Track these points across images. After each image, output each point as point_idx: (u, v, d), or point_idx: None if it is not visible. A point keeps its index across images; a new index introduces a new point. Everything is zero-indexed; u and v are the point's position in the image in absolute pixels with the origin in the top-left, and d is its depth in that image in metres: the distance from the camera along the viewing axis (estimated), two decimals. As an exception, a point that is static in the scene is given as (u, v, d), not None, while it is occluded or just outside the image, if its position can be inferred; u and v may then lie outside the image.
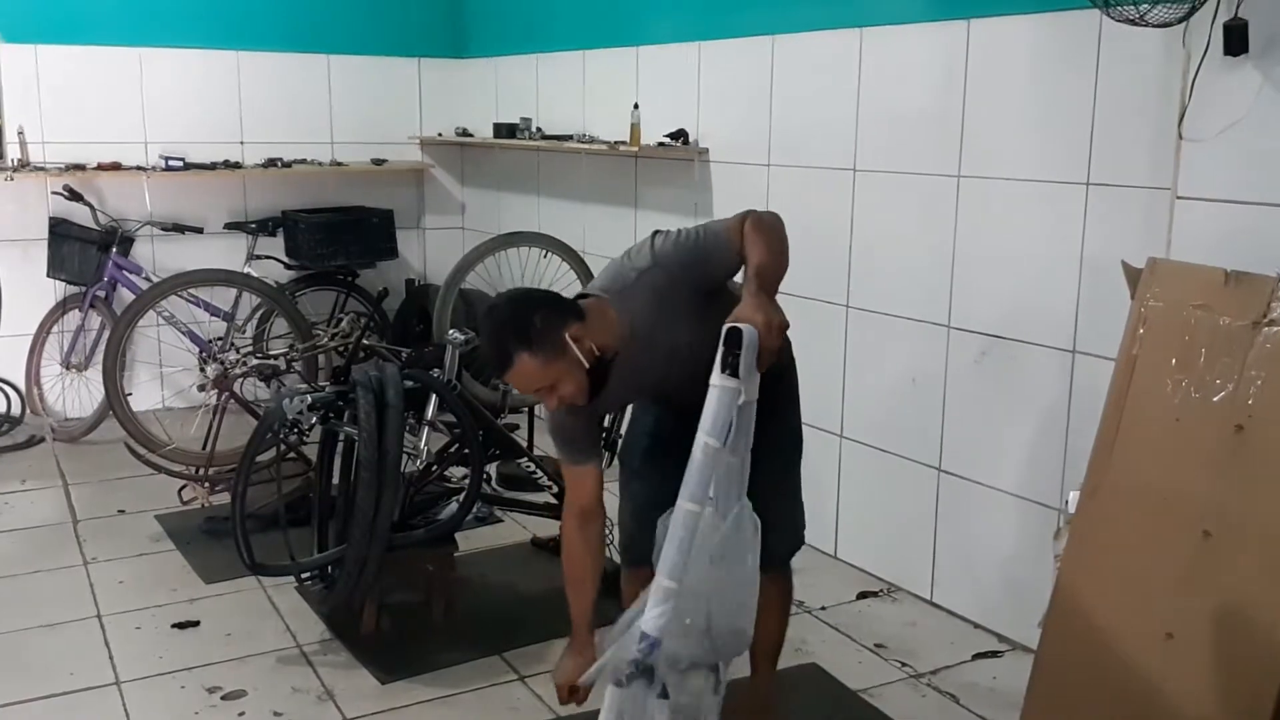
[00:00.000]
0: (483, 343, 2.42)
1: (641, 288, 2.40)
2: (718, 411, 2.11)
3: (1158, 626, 2.49)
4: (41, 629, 3.44)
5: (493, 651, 3.32)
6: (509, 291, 2.49)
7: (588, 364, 2.32)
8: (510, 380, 2.36)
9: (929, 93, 3.48)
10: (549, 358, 2.28)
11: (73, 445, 5.23)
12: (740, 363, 2.12)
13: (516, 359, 2.28)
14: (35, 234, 5.36)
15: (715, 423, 2.10)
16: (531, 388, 2.34)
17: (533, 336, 2.27)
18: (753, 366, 2.16)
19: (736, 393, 2.13)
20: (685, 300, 2.39)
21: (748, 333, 2.13)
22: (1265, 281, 2.43)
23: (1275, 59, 2.52)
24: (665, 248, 2.42)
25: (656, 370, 2.44)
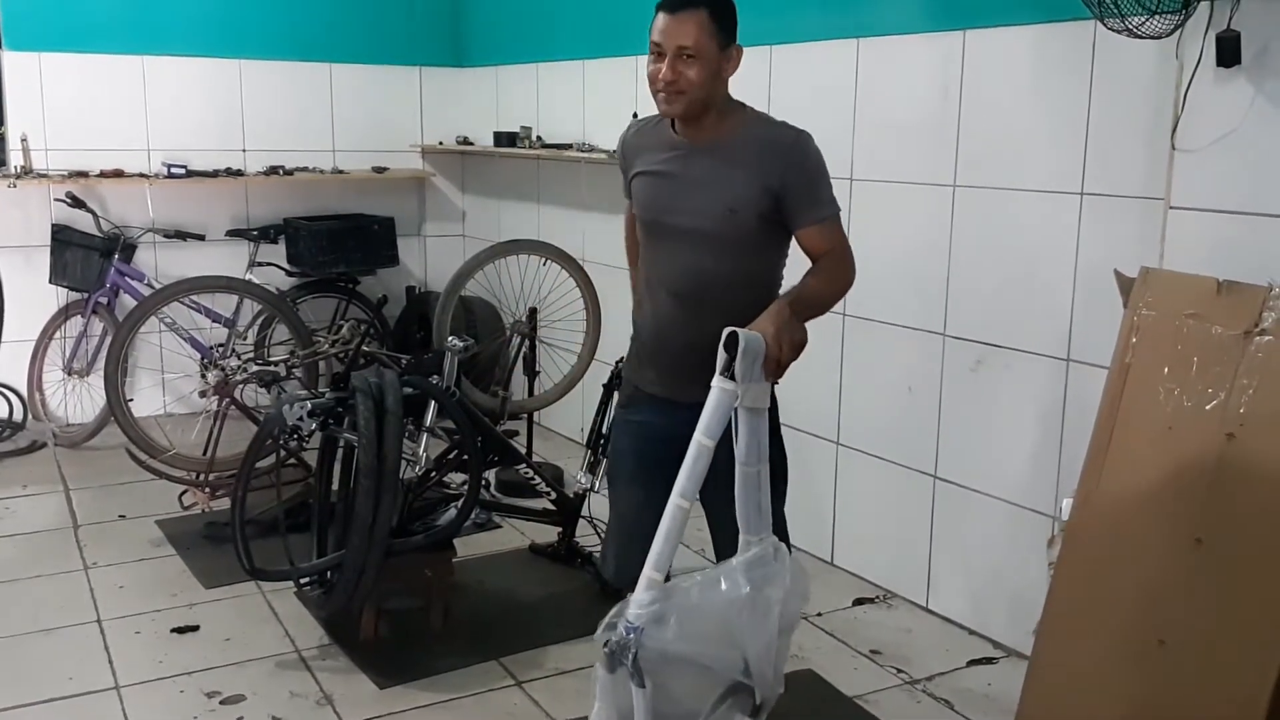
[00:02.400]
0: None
1: (771, 128, 2.48)
2: (713, 412, 2.14)
3: (1151, 633, 2.51)
4: (41, 633, 3.45)
5: (491, 657, 3.33)
6: None
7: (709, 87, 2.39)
8: (669, 23, 2.38)
9: (925, 103, 3.51)
10: (713, 36, 2.37)
11: (74, 450, 5.25)
12: (737, 367, 2.14)
13: (696, 9, 2.36)
14: (38, 240, 5.39)
15: (709, 422, 2.14)
16: (677, 42, 2.37)
17: (723, 11, 2.39)
18: (757, 374, 2.17)
19: (734, 395, 2.15)
20: (764, 183, 2.41)
21: (746, 338, 2.15)
22: (1257, 291, 2.45)
23: (1267, 70, 2.54)
24: (813, 144, 2.46)
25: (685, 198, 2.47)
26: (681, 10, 2.37)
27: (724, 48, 2.40)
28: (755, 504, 2.24)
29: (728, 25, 2.40)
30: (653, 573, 2.15)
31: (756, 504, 2.24)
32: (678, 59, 2.38)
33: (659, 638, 2.12)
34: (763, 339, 2.20)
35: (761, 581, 2.21)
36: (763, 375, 2.19)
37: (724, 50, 2.41)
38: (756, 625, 2.21)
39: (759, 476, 2.24)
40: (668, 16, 2.39)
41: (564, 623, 3.50)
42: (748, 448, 2.21)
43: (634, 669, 2.10)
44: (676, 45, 2.37)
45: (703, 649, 2.21)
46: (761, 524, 2.26)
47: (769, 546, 2.25)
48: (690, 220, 2.47)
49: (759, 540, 2.25)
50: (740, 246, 2.46)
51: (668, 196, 2.52)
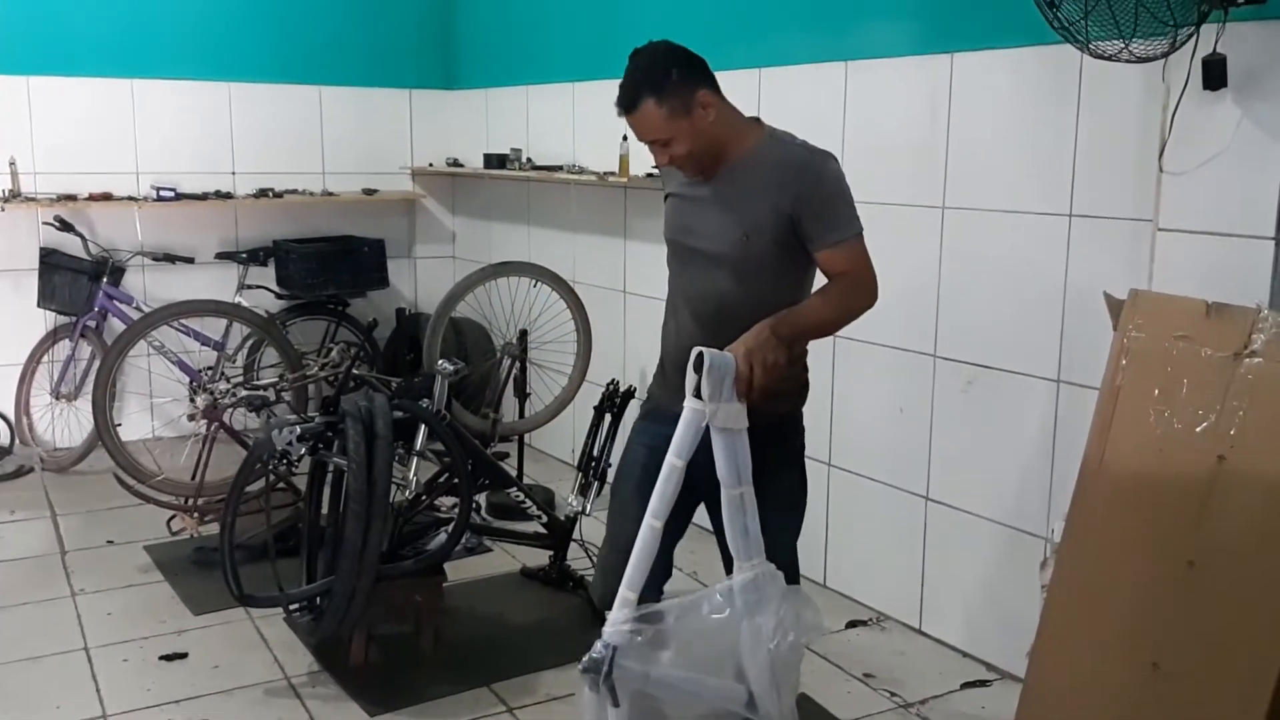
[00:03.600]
0: (624, 80, 2.43)
1: (793, 148, 2.47)
2: (683, 432, 2.16)
3: (1144, 657, 2.50)
4: (28, 661, 3.42)
5: (482, 683, 3.31)
6: (656, 42, 2.48)
7: (704, 138, 2.38)
8: (634, 125, 2.40)
9: (914, 125, 3.52)
10: (673, 110, 2.36)
11: (62, 475, 5.22)
12: (704, 387, 2.14)
13: (642, 103, 2.35)
14: (26, 264, 5.37)
15: (679, 443, 2.16)
16: (648, 136, 2.40)
17: (666, 85, 2.35)
18: (728, 394, 2.17)
19: (703, 415, 2.14)
20: (782, 204, 2.39)
21: (712, 357, 2.15)
22: (1246, 313, 2.45)
23: (1253, 94, 2.56)
24: (833, 165, 2.45)
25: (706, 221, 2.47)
26: (630, 112, 2.39)
27: (688, 111, 2.38)
28: (741, 527, 2.23)
29: (678, 92, 2.37)
30: (627, 592, 2.15)
31: (743, 527, 2.23)
32: (658, 145, 2.41)
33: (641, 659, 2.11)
34: (732, 358, 2.19)
35: (753, 607, 2.20)
36: (734, 395, 2.18)
37: (690, 113, 2.39)
38: (752, 654, 2.19)
39: (743, 499, 2.23)
40: (628, 119, 2.42)
41: (556, 648, 3.48)
42: (727, 469, 2.20)
43: (608, 688, 2.09)
44: (648, 139, 2.41)
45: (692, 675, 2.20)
46: (750, 548, 2.24)
47: (760, 572, 2.23)
48: (708, 244, 2.49)
49: (750, 565, 2.23)
50: (759, 270, 2.45)
51: (689, 219, 2.53)
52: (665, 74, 2.36)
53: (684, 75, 2.38)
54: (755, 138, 2.48)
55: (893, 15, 3.59)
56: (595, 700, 2.16)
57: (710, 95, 2.42)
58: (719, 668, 2.21)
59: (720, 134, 2.44)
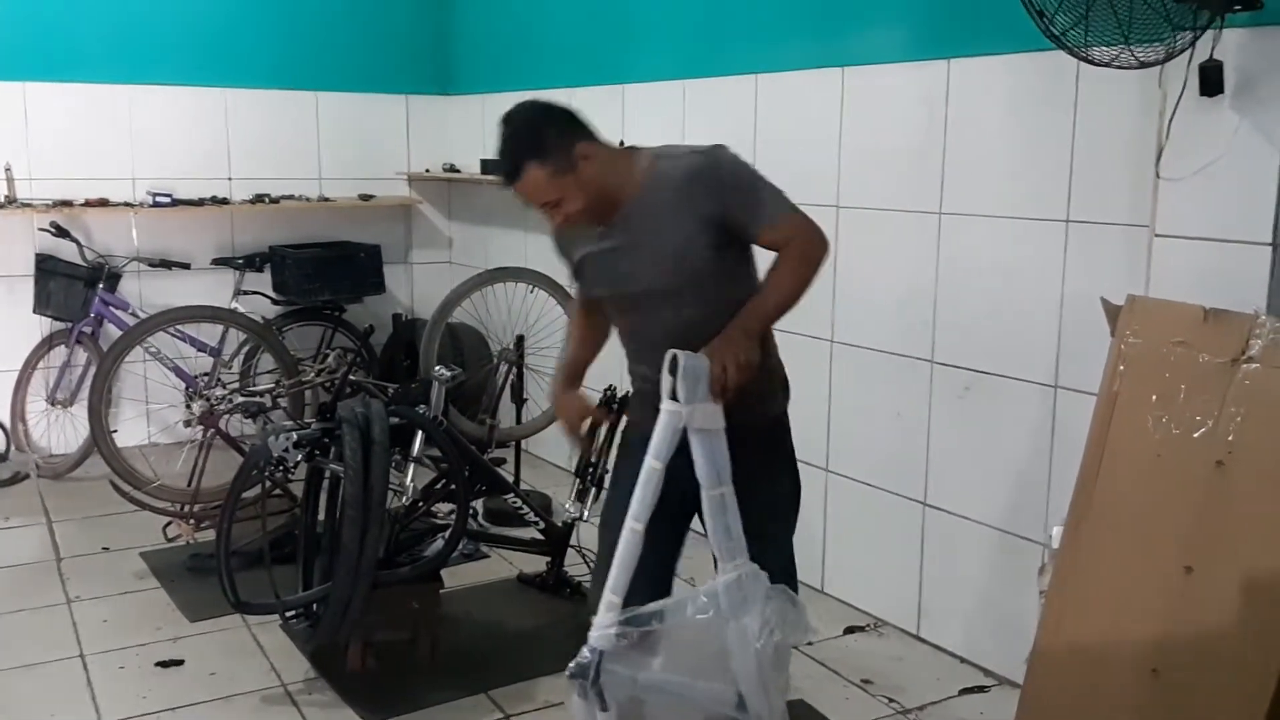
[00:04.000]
0: (498, 153, 2.40)
1: (681, 163, 2.38)
2: (661, 434, 2.17)
3: (1143, 662, 2.50)
4: (23, 669, 3.41)
5: (479, 690, 3.30)
6: (524, 103, 2.44)
7: (594, 188, 2.33)
8: (518, 191, 2.36)
9: (910, 131, 3.52)
10: (557, 169, 2.30)
11: (57, 482, 5.20)
12: (679, 389, 2.14)
13: (525, 169, 2.31)
14: (22, 270, 5.36)
15: (658, 445, 2.16)
16: (539, 200, 2.35)
17: (545, 146, 2.30)
18: (702, 395, 2.16)
19: (679, 417, 2.15)
20: (700, 212, 2.33)
21: (685, 359, 2.15)
22: (1243, 319, 2.46)
23: (1250, 99, 2.56)
24: (728, 154, 2.38)
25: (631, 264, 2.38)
26: (515, 180, 2.34)
27: (573, 166, 2.32)
28: (724, 528, 2.22)
29: (558, 150, 2.31)
30: (611, 596, 2.15)
31: (725, 528, 2.22)
32: (550, 208, 2.36)
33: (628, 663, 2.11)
34: (705, 360, 2.19)
35: (738, 608, 2.19)
36: (709, 396, 2.18)
37: (575, 167, 2.32)
38: (739, 655, 2.19)
39: (723, 500, 2.22)
40: (511, 188, 2.37)
41: (553, 654, 3.45)
42: (707, 471, 2.20)
43: (596, 693, 2.09)
44: (539, 203, 2.37)
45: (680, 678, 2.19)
46: (733, 548, 2.23)
47: (743, 572, 2.22)
48: (649, 282, 2.40)
49: (733, 566, 2.23)
50: (707, 284, 2.38)
51: (615, 269, 2.44)
52: (542, 135, 2.31)
53: (560, 131, 2.33)
54: (642, 167, 2.40)
55: (889, 21, 3.59)
56: (584, 706, 2.17)
57: (589, 145, 2.35)
58: (707, 669, 2.21)
59: (609, 179, 2.37)
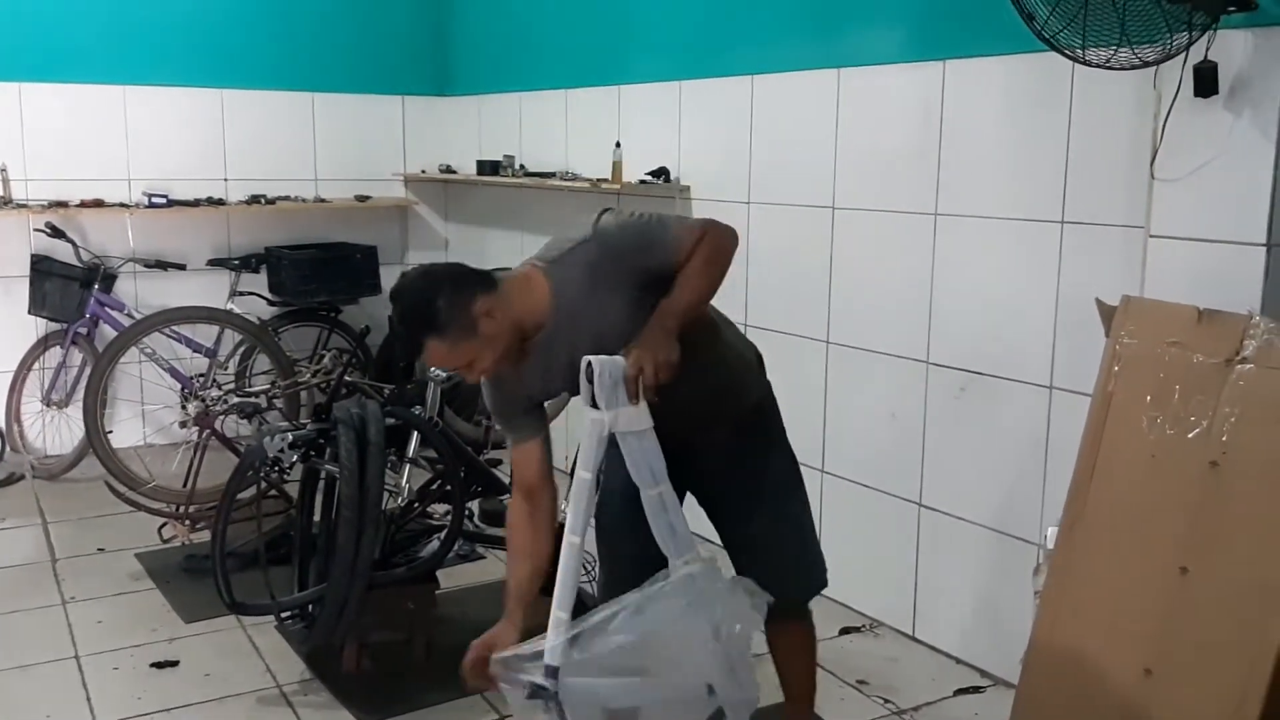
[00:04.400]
0: (393, 329, 2.40)
1: (575, 259, 2.33)
2: (586, 444, 2.15)
3: (1137, 662, 2.51)
4: (18, 670, 3.41)
5: (475, 690, 3.29)
6: (411, 273, 2.39)
7: (504, 337, 2.28)
8: (425, 362, 2.39)
9: (906, 132, 3.53)
10: (458, 338, 2.25)
11: (53, 483, 5.20)
12: (597, 394, 2.12)
13: (426, 345, 2.27)
14: (17, 271, 5.35)
15: (584, 456, 2.16)
16: (448, 366, 2.36)
17: (439, 320, 2.24)
18: (623, 398, 2.13)
19: (601, 424, 2.13)
20: (620, 285, 2.28)
21: (600, 365, 2.12)
22: (1237, 319, 2.46)
23: (1244, 100, 2.57)
24: (608, 225, 2.36)
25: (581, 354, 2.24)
26: (417, 357, 2.32)
27: (474, 328, 2.24)
28: (666, 526, 2.19)
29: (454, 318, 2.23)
30: (558, 612, 2.13)
31: (668, 526, 2.19)
32: (463, 369, 2.33)
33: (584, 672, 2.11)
34: (621, 362, 2.15)
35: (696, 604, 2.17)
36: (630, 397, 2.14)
37: (476, 327, 2.24)
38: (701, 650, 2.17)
39: (661, 499, 2.19)
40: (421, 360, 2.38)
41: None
42: (640, 472, 2.17)
43: (559, 712, 2.09)
44: (450, 369, 2.41)
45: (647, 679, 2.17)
46: (680, 546, 2.19)
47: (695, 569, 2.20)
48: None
49: (682, 563, 2.19)
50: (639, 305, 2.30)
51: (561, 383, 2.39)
52: (433, 309, 2.24)
53: (451, 300, 2.24)
54: (547, 285, 2.32)
55: (885, 22, 3.60)
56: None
57: (487, 298, 2.26)
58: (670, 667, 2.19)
59: (516, 318, 2.30)
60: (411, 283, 2.35)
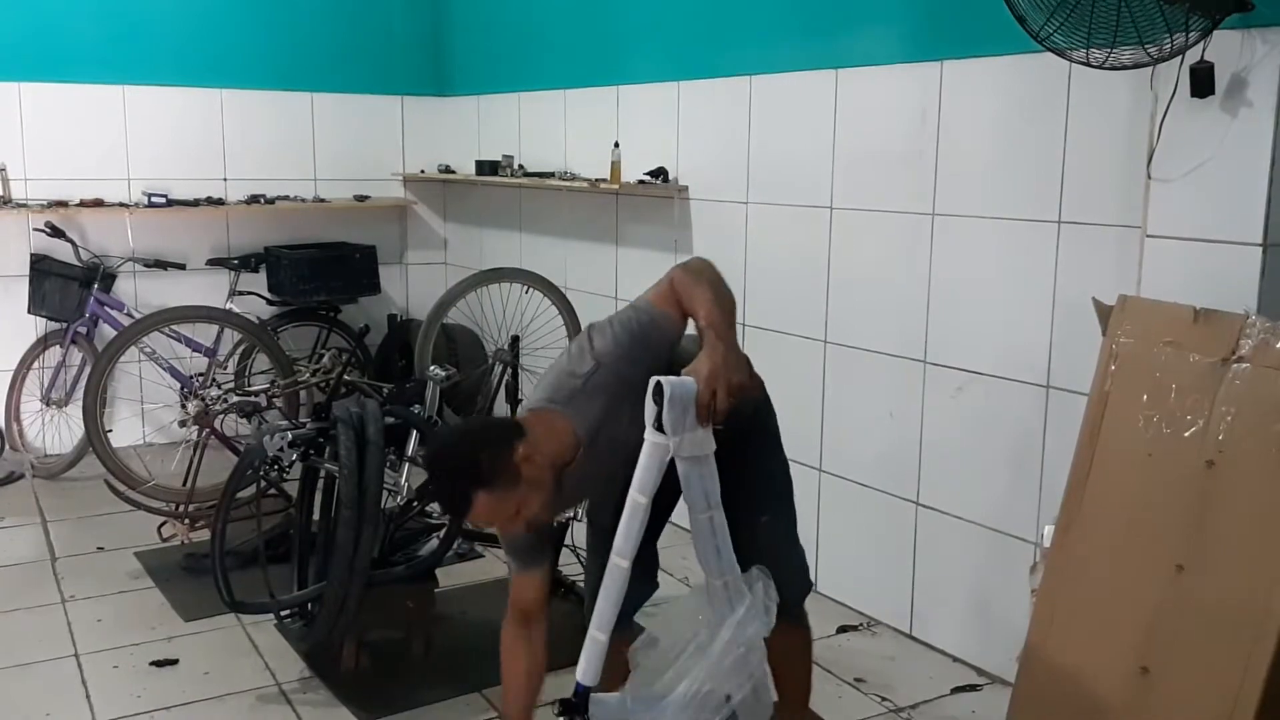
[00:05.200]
0: (436, 493, 2.37)
1: (591, 392, 2.31)
2: (646, 467, 2.12)
3: (1133, 660, 2.52)
4: (17, 668, 3.41)
5: (473, 689, 3.30)
6: (445, 434, 2.40)
7: (546, 480, 2.24)
8: (474, 521, 2.31)
9: (903, 132, 3.54)
10: (505, 488, 2.21)
11: (52, 482, 5.20)
12: (665, 419, 2.07)
13: (476, 501, 2.21)
14: (16, 270, 5.36)
15: (643, 479, 2.12)
16: (498, 520, 2.29)
17: (484, 474, 2.20)
18: (691, 423, 2.09)
19: (665, 449, 2.10)
20: (639, 387, 2.22)
21: (670, 386, 2.08)
22: (1233, 319, 2.47)
23: (1240, 100, 2.58)
24: (605, 346, 2.33)
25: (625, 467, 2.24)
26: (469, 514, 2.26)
27: (518, 477, 2.20)
28: (713, 549, 2.19)
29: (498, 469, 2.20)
30: (597, 634, 2.14)
31: (714, 549, 2.19)
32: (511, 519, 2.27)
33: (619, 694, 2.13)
34: (694, 384, 2.11)
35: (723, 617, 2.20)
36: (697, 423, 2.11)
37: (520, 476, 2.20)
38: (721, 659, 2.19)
39: (711, 523, 2.19)
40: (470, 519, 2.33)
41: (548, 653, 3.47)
42: (696, 495, 2.16)
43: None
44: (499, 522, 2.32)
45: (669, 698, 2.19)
46: (722, 568, 2.21)
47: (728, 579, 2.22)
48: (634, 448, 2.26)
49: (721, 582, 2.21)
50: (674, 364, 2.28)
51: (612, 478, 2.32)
52: (477, 464, 2.21)
53: (493, 452, 2.21)
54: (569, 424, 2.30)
55: (883, 23, 3.60)
56: None
57: (522, 443, 2.22)
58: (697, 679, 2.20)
59: (554, 456, 2.27)
60: (450, 444, 2.38)
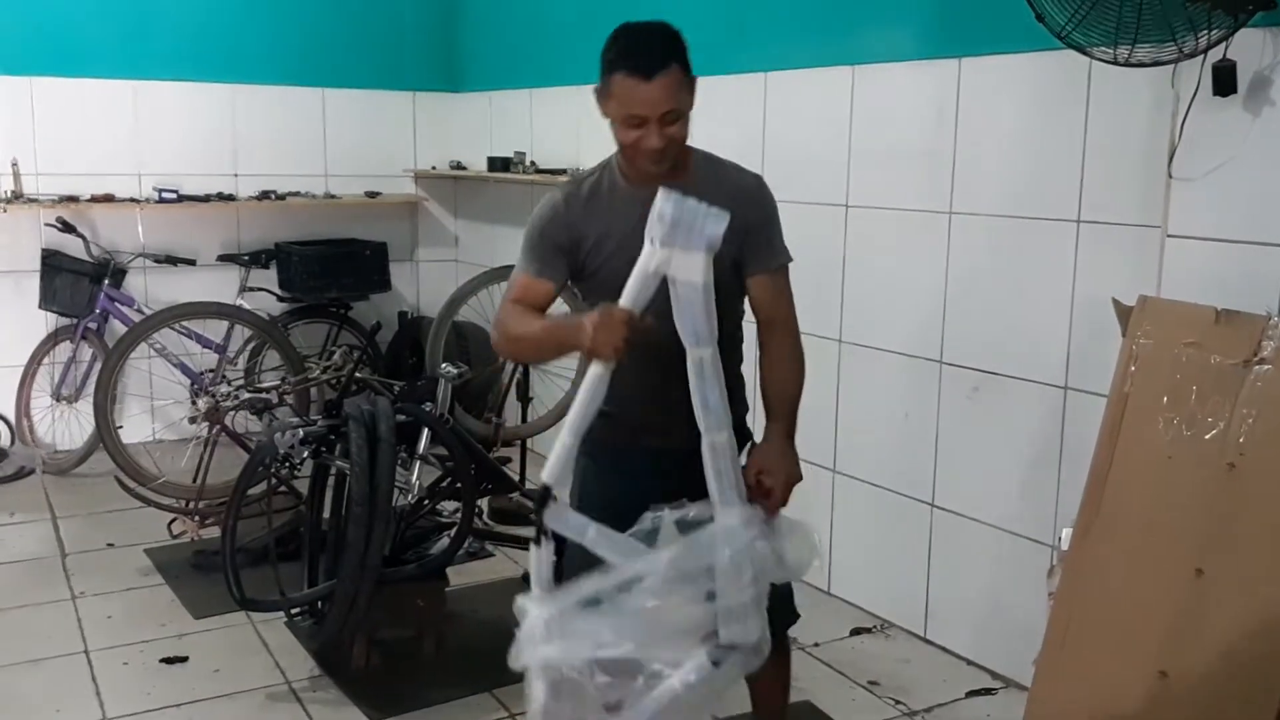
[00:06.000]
0: (630, 42, 2.25)
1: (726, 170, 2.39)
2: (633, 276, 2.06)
3: (1151, 664, 2.49)
4: (28, 664, 3.41)
5: (484, 688, 3.29)
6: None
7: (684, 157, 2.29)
8: (650, 91, 2.18)
9: (921, 130, 3.51)
10: (687, 86, 2.23)
11: (62, 478, 5.20)
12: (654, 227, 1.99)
13: (670, 66, 2.19)
14: (28, 266, 5.36)
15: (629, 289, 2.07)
16: (662, 109, 2.19)
17: (685, 59, 2.22)
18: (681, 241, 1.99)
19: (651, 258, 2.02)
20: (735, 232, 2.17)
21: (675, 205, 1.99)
22: (1255, 320, 2.44)
23: (1263, 99, 2.55)
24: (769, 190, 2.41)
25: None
26: (659, 74, 2.18)
27: (692, 90, 2.25)
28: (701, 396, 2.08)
29: (688, 70, 2.23)
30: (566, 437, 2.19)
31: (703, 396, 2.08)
32: (663, 123, 2.21)
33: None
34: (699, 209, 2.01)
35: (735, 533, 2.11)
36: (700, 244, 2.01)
37: (692, 93, 2.25)
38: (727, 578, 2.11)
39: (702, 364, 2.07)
40: (644, 83, 2.18)
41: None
42: (686, 329, 2.05)
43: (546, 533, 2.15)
44: (661, 113, 2.20)
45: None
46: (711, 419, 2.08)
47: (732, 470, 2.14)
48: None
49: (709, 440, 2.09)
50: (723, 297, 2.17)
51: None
52: (684, 48, 2.23)
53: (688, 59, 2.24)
54: (690, 154, 2.34)
55: (900, 20, 3.58)
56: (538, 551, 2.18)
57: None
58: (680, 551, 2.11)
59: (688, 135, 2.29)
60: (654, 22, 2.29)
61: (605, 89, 2.28)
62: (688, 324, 2.05)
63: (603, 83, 2.29)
